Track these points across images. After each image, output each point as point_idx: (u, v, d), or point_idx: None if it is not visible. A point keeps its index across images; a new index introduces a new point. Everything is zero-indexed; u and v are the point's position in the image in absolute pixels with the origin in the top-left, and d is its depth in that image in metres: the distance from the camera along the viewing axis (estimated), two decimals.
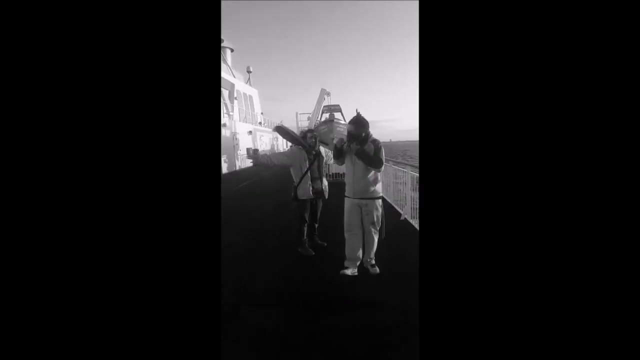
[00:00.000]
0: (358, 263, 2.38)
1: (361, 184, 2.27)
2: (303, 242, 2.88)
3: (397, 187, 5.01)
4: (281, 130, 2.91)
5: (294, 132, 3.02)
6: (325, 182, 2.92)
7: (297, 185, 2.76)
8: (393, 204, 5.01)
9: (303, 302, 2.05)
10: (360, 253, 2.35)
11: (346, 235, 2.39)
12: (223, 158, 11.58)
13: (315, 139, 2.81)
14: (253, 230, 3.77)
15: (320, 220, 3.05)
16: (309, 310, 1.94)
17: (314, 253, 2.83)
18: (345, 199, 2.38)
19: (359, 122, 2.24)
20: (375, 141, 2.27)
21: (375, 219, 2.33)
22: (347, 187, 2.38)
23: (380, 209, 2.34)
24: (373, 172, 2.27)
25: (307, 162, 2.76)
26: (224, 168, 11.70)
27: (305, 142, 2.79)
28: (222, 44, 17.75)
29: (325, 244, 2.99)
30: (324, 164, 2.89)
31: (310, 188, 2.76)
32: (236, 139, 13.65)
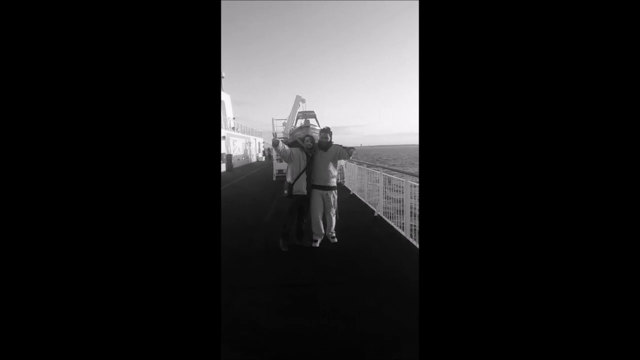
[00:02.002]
0: (322, 236, 3.40)
1: (324, 176, 3.25)
2: (285, 236, 3.15)
3: (371, 188, 5.51)
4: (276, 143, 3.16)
5: (285, 142, 3.42)
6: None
7: (294, 181, 3.12)
8: (368, 203, 5.51)
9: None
10: (323, 229, 3.36)
11: (313, 217, 3.29)
12: None
13: (312, 141, 3.26)
14: (243, 227, 4.01)
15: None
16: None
17: (287, 249, 3.10)
18: (313, 190, 3.27)
19: (329, 131, 3.37)
20: (337, 144, 3.29)
21: (332, 204, 3.31)
22: (315, 179, 3.28)
23: (335, 197, 3.33)
24: (332, 168, 3.27)
25: (305, 161, 3.17)
26: None
27: (303, 144, 3.25)
28: None
29: (313, 245, 3.22)
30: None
31: (305, 184, 3.14)
32: None
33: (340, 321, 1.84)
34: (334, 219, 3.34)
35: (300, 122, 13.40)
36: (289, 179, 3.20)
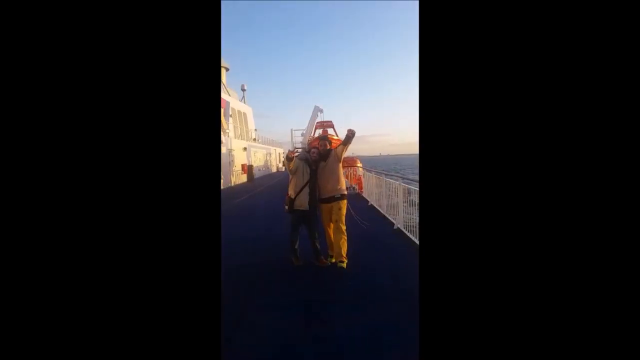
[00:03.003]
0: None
1: (328, 186, 2.97)
2: (294, 251, 3.04)
3: (390, 198, 5.32)
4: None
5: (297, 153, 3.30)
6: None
7: (296, 195, 2.92)
8: (386, 215, 5.31)
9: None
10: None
11: (326, 234, 3.07)
12: None
13: (318, 153, 3.06)
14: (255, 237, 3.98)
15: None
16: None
17: (301, 263, 3.00)
18: (321, 205, 3.02)
19: (327, 139, 3.29)
20: (333, 149, 3.10)
21: (339, 217, 2.95)
22: (320, 192, 3.01)
23: (343, 209, 2.99)
24: (336, 175, 2.99)
25: (308, 174, 2.97)
26: (221, 184, 11.85)
27: (308, 155, 3.08)
28: None
29: (329, 264, 3.00)
30: None
31: (307, 199, 2.93)
32: (231, 155, 13.91)
33: (358, 342, 1.71)
34: (342, 237, 2.90)
35: (319, 132, 13.46)
36: (290, 192, 3.00)
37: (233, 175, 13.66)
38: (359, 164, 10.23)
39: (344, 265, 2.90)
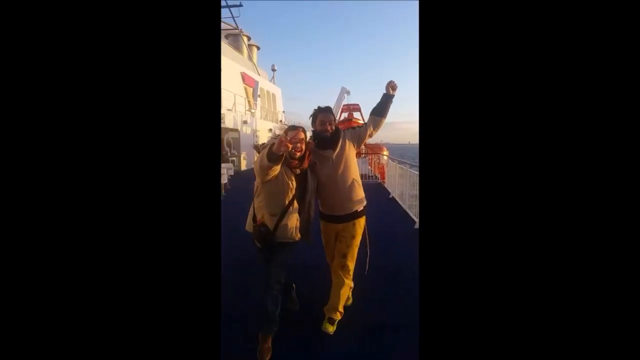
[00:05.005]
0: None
1: (342, 195, 1.70)
2: (270, 321, 1.59)
3: (413, 193, 4.81)
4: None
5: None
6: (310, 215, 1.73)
7: (279, 221, 1.60)
8: (407, 210, 4.81)
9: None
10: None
11: (335, 276, 1.75)
12: (243, 155, 11.77)
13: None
14: None
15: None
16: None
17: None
18: (321, 221, 1.83)
19: (330, 111, 1.79)
20: (348, 130, 1.82)
21: (350, 249, 1.72)
22: (322, 203, 1.80)
23: (358, 237, 1.76)
24: (351, 173, 1.72)
25: (292, 183, 1.61)
26: (244, 165, 11.87)
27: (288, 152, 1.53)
28: (249, 42, 18.18)
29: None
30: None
31: (296, 224, 1.65)
32: (256, 136, 13.87)
33: None
34: (343, 284, 1.71)
35: (344, 115, 12.84)
36: (264, 218, 1.62)
37: (255, 157, 13.69)
38: (385, 152, 9.58)
39: (333, 327, 1.68)
